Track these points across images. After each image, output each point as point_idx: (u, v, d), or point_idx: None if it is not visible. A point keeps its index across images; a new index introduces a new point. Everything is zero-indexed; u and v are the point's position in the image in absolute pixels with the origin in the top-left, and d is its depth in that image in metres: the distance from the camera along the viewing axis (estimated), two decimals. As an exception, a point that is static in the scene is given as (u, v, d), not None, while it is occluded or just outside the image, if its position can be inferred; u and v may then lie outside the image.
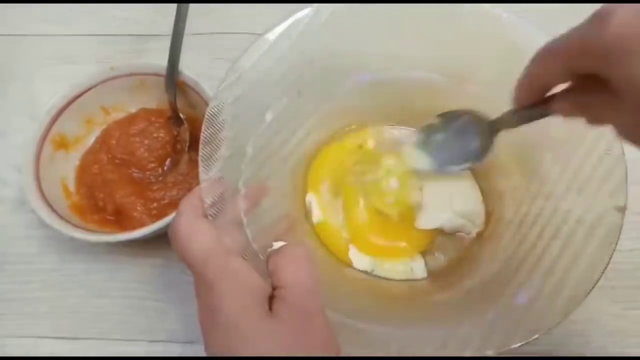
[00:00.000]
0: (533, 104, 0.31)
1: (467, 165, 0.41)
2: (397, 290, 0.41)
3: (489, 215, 0.43)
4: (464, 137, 0.40)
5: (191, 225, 0.32)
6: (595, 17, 0.24)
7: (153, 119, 0.49)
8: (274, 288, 0.30)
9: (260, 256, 0.33)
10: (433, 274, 0.41)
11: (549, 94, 0.30)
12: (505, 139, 0.42)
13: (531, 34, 0.40)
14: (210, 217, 0.33)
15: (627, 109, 0.25)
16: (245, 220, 0.35)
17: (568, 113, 0.29)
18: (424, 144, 0.42)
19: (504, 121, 0.36)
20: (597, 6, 0.58)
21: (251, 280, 0.30)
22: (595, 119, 0.29)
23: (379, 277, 0.41)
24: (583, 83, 0.28)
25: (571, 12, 0.55)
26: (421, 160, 0.42)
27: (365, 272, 0.41)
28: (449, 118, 0.41)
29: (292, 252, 0.31)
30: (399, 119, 0.47)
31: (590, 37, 0.24)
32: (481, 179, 0.44)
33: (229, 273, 0.29)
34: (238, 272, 0.30)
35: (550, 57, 0.28)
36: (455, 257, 0.41)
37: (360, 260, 0.41)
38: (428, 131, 0.42)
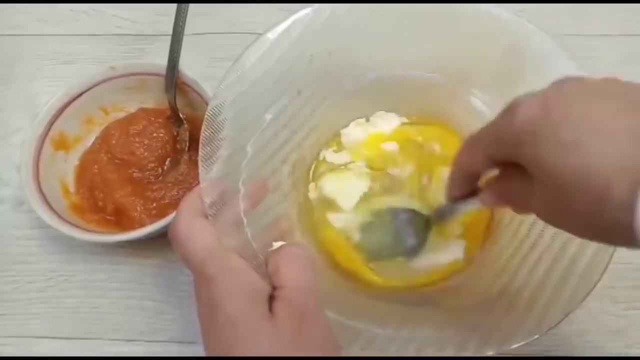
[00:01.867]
0: (464, 195, 0.33)
1: (409, 258, 0.41)
2: (397, 290, 0.41)
3: (489, 214, 0.42)
4: (401, 235, 0.41)
5: (191, 224, 0.32)
6: (506, 109, 0.27)
7: (153, 118, 0.49)
8: (273, 288, 0.30)
9: (260, 256, 0.33)
10: (433, 275, 0.41)
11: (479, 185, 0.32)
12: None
13: (531, 34, 0.40)
14: (210, 217, 0.33)
15: (539, 190, 0.26)
16: (245, 220, 0.35)
17: (495, 203, 0.32)
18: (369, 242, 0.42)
19: (437, 216, 0.39)
20: (596, 6, 0.58)
21: (251, 279, 0.30)
22: (518, 207, 0.30)
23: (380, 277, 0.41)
24: (506, 172, 0.30)
25: (571, 12, 0.56)
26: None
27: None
28: (389, 215, 0.42)
29: (291, 252, 0.31)
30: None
31: (502, 126, 0.27)
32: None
33: (228, 272, 0.29)
34: (237, 272, 0.30)
35: (473, 146, 0.30)
36: (455, 257, 0.41)
37: None
38: (369, 228, 0.42)
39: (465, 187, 0.33)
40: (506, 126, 0.26)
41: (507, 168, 0.29)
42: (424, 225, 0.40)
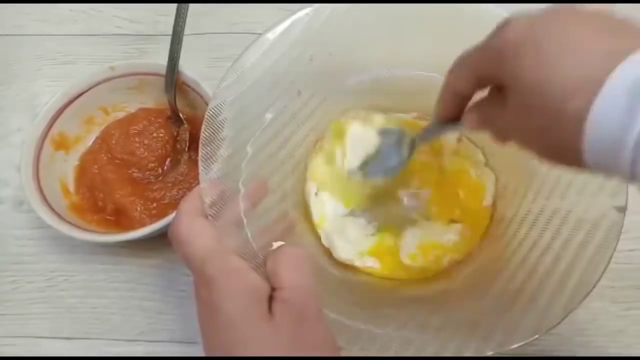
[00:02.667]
0: (451, 117, 0.33)
1: (387, 177, 0.41)
2: (397, 290, 0.41)
3: (489, 215, 0.42)
4: (390, 153, 0.41)
5: (191, 225, 0.32)
6: (496, 27, 0.28)
7: (153, 118, 0.49)
8: (273, 289, 0.30)
9: (260, 256, 0.33)
10: (433, 275, 0.41)
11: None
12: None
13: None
14: (210, 217, 0.33)
15: (510, 105, 0.26)
16: (245, 220, 0.35)
17: (475, 125, 0.32)
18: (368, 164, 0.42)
19: (422, 136, 0.38)
20: (596, 6, 0.58)
21: (250, 280, 0.30)
22: (498, 133, 0.30)
23: (381, 277, 0.41)
24: (490, 97, 0.30)
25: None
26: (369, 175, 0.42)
27: (368, 273, 0.41)
28: (386, 133, 0.42)
29: (290, 253, 0.31)
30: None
31: (489, 45, 0.28)
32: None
33: (228, 273, 0.29)
34: (237, 272, 0.30)
35: (462, 65, 0.31)
36: (455, 257, 0.41)
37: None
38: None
39: (452, 108, 0.33)
40: (493, 42, 0.27)
41: (492, 92, 0.30)
42: (408, 145, 0.40)
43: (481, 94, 0.31)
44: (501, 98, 0.27)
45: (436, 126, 0.35)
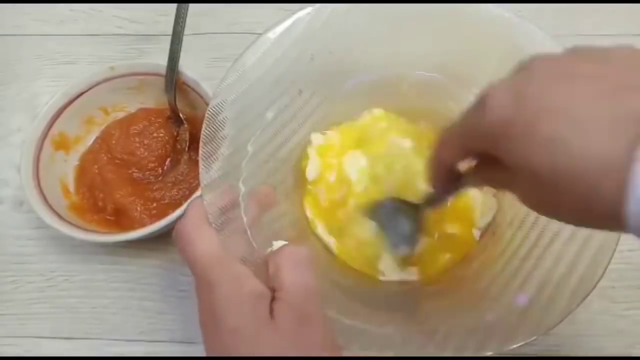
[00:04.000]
0: (445, 183, 0.32)
1: (405, 250, 0.40)
2: (397, 290, 0.41)
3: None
4: (397, 225, 0.40)
5: (197, 228, 0.32)
6: (477, 102, 0.25)
7: (153, 118, 0.49)
8: (274, 290, 0.30)
9: (261, 255, 0.33)
10: (433, 275, 0.41)
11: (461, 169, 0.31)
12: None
13: (531, 34, 0.40)
14: (210, 216, 0.33)
15: (521, 182, 0.25)
16: (245, 219, 0.35)
17: (477, 186, 0.31)
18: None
19: (426, 204, 0.37)
20: (596, 6, 0.58)
21: (252, 285, 0.30)
22: (503, 190, 0.30)
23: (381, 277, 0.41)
24: (486, 161, 0.28)
25: (571, 12, 0.56)
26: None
27: (367, 272, 0.41)
28: (376, 208, 0.41)
29: (292, 253, 0.31)
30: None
31: (474, 121, 0.25)
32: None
33: (230, 277, 0.30)
34: (239, 277, 0.30)
35: (448, 140, 0.29)
36: (455, 257, 0.41)
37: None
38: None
39: (444, 177, 0.31)
40: (478, 121, 0.25)
41: (486, 157, 0.27)
42: (414, 213, 0.39)
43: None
44: (499, 163, 0.25)
45: (434, 193, 0.34)
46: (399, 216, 0.40)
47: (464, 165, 0.31)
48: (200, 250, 0.31)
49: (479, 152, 0.27)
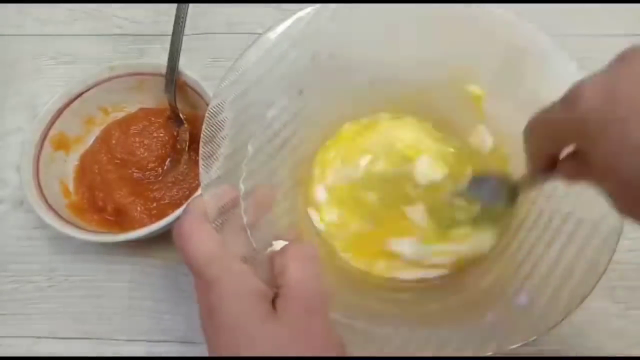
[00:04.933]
0: (545, 168, 0.31)
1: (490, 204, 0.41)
2: (396, 290, 0.41)
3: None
4: (491, 200, 0.40)
5: (196, 226, 0.32)
6: (567, 96, 0.24)
7: (153, 118, 0.49)
8: (279, 287, 0.30)
9: (260, 255, 0.33)
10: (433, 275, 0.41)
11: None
12: (506, 140, 0.42)
13: (531, 34, 0.40)
14: (215, 225, 0.33)
15: (611, 182, 0.24)
16: (245, 219, 0.35)
17: (569, 180, 0.29)
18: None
19: (525, 184, 0.36)
20: (596, 6, 0.58)
21: (252, 283, 0.30)
22: (593, 184, 0.28)
23: (380, 276, 0.41)
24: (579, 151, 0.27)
25: (571, 12, 0.56)
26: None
27: (366, 272, 0.41)
28: (480, 181, 0.41)
29: (299, 251, 0.31)
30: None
31: (563, 116, 0.24)
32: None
33: (230, 275, 0.29)
34: (238, 275, 0.30)
35: (537, 133, 0.28)
36: (455, 257, 0.41)
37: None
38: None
39: (542, 164, 0.30)
40: (567, 117, 0.24)
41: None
42: (512, 192, 0.38)
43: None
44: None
45: (534, 176, 0.33)
46: (496, 190, 0.39)
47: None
48: (199, 247, 0.31)
49: (570, 144, 0.26)
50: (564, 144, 0.26)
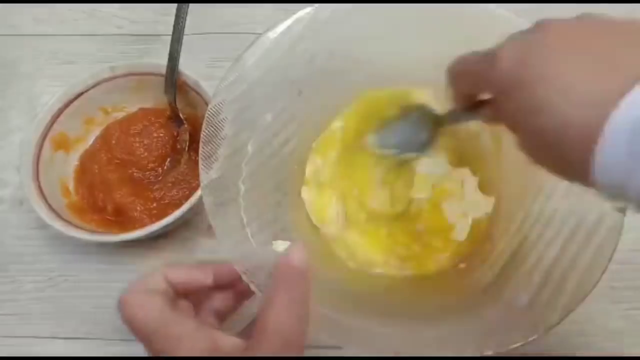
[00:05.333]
0: (466, 106, 0.33)
1: (414, 154, 0.41)
2: (396, 290, 0.41)
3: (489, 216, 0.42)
4: (415, 130, 0.41)
5: (137, 298, 0.31)
6: (489, 56, 0.27)
7: (153, 118, 0.49)
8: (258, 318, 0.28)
9: (260, 255, 0.33)
10: (433, 275, 0.41)
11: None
12: (506, 140, 0.42)
13: (531, 34, 0.40)
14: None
15: (517, 133, 0.27)
16: (245, 219, 0.35)
17: (487, 121, 0.32)
18: (384, 133, 0.42)
19: (445, 119, 0.38)
20: (595, 6, 0.58)
21: (193, 344, 0.29)
22: (509, 129, 0.29)
23: (380, 275, 0.41)
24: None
25: (571, 12, 0.55)
26: (382, 145, 0.42)
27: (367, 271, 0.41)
28: (406, 111, 0.42)
29: (288, 276, 0.29)
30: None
31: (484, 69, 0.27)
32: (482, 181, 0.44)
33: (172, 344, 0.29)
34: (179, 340, 0.29)
35: (461, 75, 0.31)
36: (455, 257, 0.41)
37: None
38: (387, 123, 0.42)
39: (462, 100, 0.33)
40: (487, 70, 0.27)
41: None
42: (433, 123, 0.40)
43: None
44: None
45: (457, 112, 0.35)
46: (417, 122, 0.41)
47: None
48: (141, 320, 0.31)
49: (486, 92, 0.29)
50: (481, 91, 0.30)
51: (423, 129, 0.40)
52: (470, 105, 0.33)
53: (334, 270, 0.41)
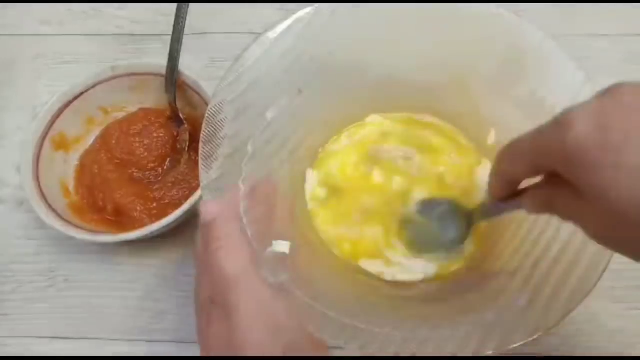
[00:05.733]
0: (506, 197, 0.32)
1: (442, 253, 0.40)
2: (397, 290, 0.41)
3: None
4: (443, 226, 0.40)
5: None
6: (556, 121, 0.24)
7: (153, 118, 0.49)
8: None
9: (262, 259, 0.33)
10: (433, 275, 0.41)
11: (522, 186, 0.30)
12: (507, 141, 0.42)
13: (531, 34, 0.40)
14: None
15: (592, 212, 0.24)
16: (245, 219, 0.35)
17: (536, 210, 0.29)
18: (408, 230, 0.42)
19: (480, 213, 0.37)
20: (595, 6, 0.58)
21: (202, 297, 0.30)
22: (563, 218, 0.28)
23: (380, 276, 0.41)
24: (552, 181, 0.27)
25: (571, 12, 0.56)
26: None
27: (366, 271, 0.41)
28: (429, 206, 0.41)
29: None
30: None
31: (552, 141, 0.24)
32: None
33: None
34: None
35: (516, 154, 0.28)
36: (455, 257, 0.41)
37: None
38: (409, 219, 0.42)
39: (506, 190, 0.31)
40: (557, 142, 0.24)
41: (554, 177, 0.26)
42: (465, 219, 0.39)
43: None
44: (566, 185, 0.25)
45: (492, 205, 0.34)
46: (451, 217, 0.40)
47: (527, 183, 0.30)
48: (228, 263, 0.30)
49: (548, 173, 0.27)
50: (546, 167, 0.27)
51: (454, 227, 0.39)
52: (510, 195, 0.31)
53: (334, 270, 0.41)
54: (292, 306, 0.31)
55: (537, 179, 0.29)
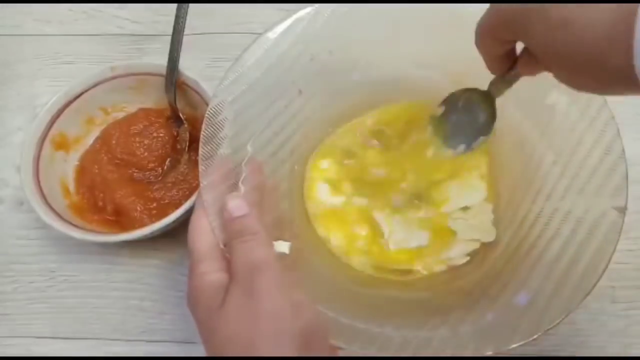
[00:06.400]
0: (505, 69, 0.34)
1: (480, 140, 0.40)
2: (397, 290, 0.41)
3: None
4: (470, 115, 0.40)
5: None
6: (493, 6, 0.29)
7: (153, 119, 0.49)
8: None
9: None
10: (433, 275, 0.41)
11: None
12: (506, 140, 0.42)
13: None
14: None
15: (548, 63, 0.28)
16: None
17: (527, 72, 0.32)
18: (437, 131, 0.42)
19: (495, 90, 0.37)
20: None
21: (211, 278, 0.32)
22: (542, 70, 0.30)
23: (380, 276, 0.41)
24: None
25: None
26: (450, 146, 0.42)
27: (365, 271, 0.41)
28: (451, 102, 0.41)
29: (242, 229, 0.33)
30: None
31: (496, 13, 0.29)
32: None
33: (193, 275, 0.32)
34: (202, 274, 0.32)
35: (483, 35, 0.32)
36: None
37: None
38: (438, 119, 0.42)
39: (500, 64, 0.33)
40: (499, 12, 0.29)
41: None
42: (486, 100, 0.39)
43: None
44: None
45: (500, 79, 0.36)
46: (474, 102, 0.40)
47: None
48: (197, 243, 0.33)
49: (512, 40, 0.30)
50: (506, 41, 0.31)
51: (480, 110, 0.39)
52: (508, 67, 0.33)
53: (334, 270, 0.41)
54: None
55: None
